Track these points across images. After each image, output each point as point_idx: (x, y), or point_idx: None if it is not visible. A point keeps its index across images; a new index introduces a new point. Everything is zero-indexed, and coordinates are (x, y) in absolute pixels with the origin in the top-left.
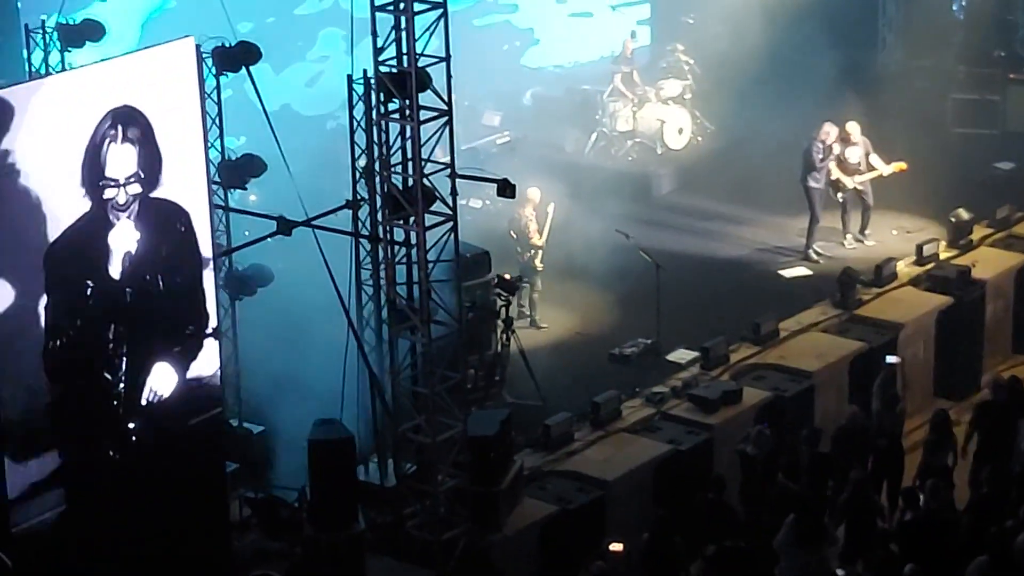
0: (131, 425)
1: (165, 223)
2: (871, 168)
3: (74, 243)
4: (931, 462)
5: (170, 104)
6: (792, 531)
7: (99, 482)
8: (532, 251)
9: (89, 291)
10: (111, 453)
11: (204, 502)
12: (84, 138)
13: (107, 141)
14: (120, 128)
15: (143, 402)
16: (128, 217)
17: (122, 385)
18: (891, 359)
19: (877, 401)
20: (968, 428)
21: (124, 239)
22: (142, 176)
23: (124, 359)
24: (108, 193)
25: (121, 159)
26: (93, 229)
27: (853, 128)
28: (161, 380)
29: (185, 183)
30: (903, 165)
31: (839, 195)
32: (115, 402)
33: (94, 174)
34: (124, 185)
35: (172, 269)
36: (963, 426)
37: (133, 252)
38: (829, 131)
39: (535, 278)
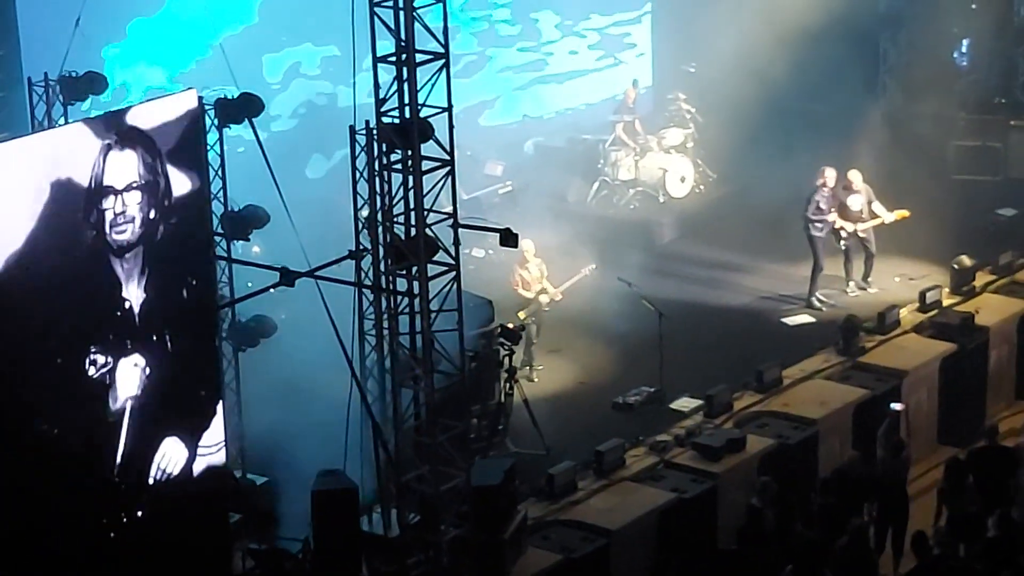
0: (137, 508)
1: (175, 275)
2: (873, 215)
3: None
4: (951, 509)
5: (173, 155)
6: None
7: (97, 554)
8: (521, 301)
9: (84, 352)
10: (112, 535)
11: (207, 554)
12: (86, 181)
13: (107, 151)
14: (121, 137)
15: (150, 481)
16: (131, 267)
17: (120, 458)
18: (896, 406)
19: (882, 448)
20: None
21: (126, 293)
22: (144, 184)
23: (126, 431)
24: (106, 203)
25: (120, 164)
26: (90, 279)
27: (855, 176)
28: (171, 457)
29: (191, 234)
30: (906, 213)
31: (841, 243)
32: (116, 478)
33: (93, 198)
34: (123, 192)
35: (182, 327)
36: None
37: (137, 308)
38: (829, 177)
39: (529, 328)
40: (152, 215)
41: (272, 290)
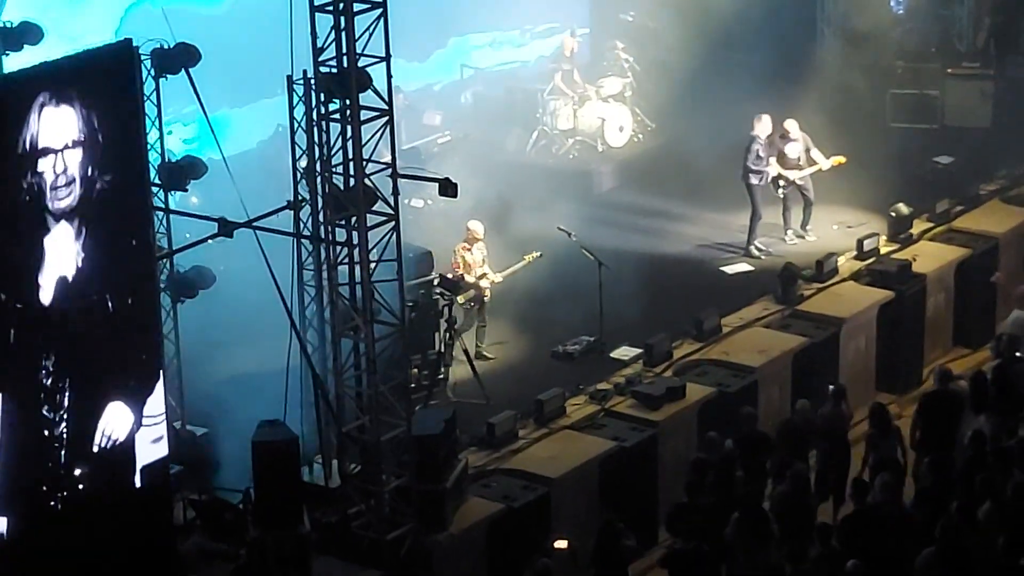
0: (78, 473)
1: (114, 233)
2: (811, 163)
3: None
4: (878, 455)
5: (109, 107)
6: (737, 528)
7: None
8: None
9: (13, 314)
10: (53, 504)
11: (148, 505)
12: (17, 137)
13: (41, 109)
14: (55, 94)
15: (95, 448)
16: (69, 224)
17: (64, 426)
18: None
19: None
20: (915, 420)
21: (61, 252)
22: (82, 141)
23: (67, 395)
24: (43, 164)
25: (58, 122)
26: (21, 237)
27: (791, 124)
28: (116, 422)
29: (130, 188)
30: (842, 159)
31: (779, 191)
32: (56, 445)
33: (29, 158)
34: (62, 151)
35: (122, 287)
36: (907, 419)
37: (74, 269)
38: (767, 125)
39: (470, 314)
40: (90, 173)
41: (211, 241)
